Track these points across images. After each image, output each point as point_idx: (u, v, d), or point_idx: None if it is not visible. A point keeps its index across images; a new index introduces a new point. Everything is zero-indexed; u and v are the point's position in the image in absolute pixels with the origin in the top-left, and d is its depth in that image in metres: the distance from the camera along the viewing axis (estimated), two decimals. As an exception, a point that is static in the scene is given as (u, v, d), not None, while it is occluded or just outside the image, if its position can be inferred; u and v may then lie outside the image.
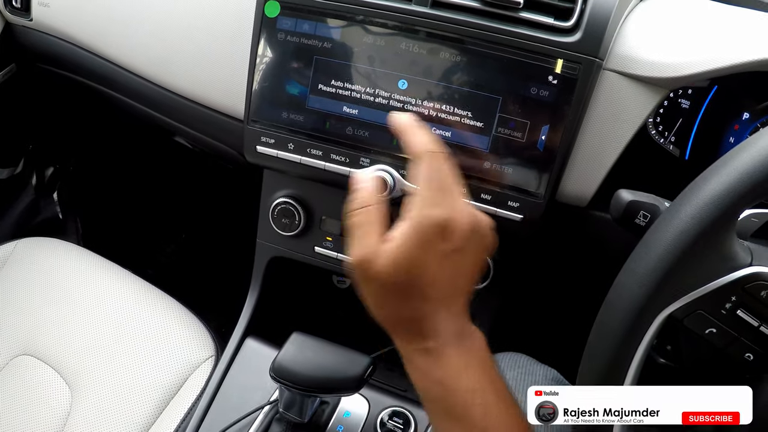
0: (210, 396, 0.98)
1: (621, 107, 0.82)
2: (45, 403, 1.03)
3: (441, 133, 0.85)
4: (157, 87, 1.04)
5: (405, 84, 0.85)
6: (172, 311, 1.10)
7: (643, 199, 0.65)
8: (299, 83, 0.89)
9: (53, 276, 1.16)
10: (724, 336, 0.55)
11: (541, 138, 0.82)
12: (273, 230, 1.01)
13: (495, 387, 0.54)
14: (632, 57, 0.81)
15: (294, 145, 0.91)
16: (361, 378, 0.81)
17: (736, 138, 0.91)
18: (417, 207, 0.54)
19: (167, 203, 1.82)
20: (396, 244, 0.53)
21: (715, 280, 0.53)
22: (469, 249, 0.55)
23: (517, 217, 0.85)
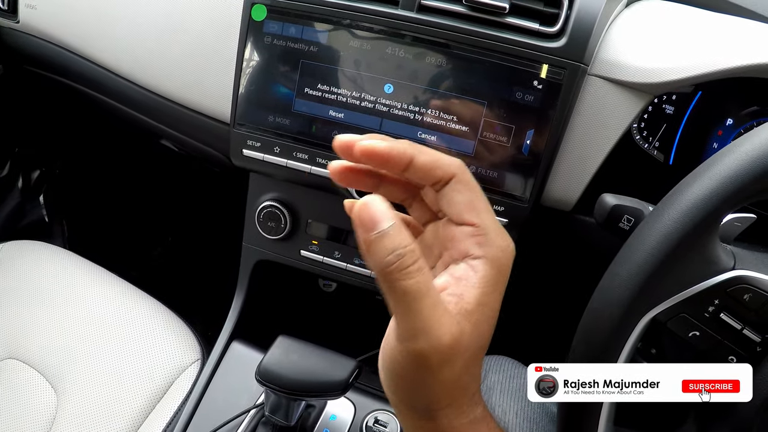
0: (196, 399, 0.98)
1: (606, 112, 0.82)
2: (30, 407, 1.02)
3: (426, 137, 0.85)
4: (144, 90, 1.04)
5: (391, 88, 0.85)
6: (158, 315, 1.10)
7: (626, 203, 0.65)
8: (285, 87, 0.89)
9: (39, 279, 1.15)
10: (708, 339, 0.55)
11: (526, 143, 0.82)
12: (259, 234, 1.01)
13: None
14: (617, 62, 0.81)
15: (280, 149, 0.91)
16: (347, 381, 0.81)
17: (719, 143, 0.91)
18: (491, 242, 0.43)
19: (153, 206, 1.81)
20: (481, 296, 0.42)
21: (698, 284, 0.53)
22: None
23: (502, 221, 0.85)
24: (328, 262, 1.00)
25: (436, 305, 0.40)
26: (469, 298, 0.42)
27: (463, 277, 0.43)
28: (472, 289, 0.42)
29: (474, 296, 0.42)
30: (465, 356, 0.42)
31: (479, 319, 0.42)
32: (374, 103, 0.86)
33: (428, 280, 0.40)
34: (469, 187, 0.44)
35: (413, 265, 0.39)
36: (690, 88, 0.92)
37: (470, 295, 0.42)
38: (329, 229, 0.99)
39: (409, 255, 0.39)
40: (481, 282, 0.42)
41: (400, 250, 0.39)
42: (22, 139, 1.54)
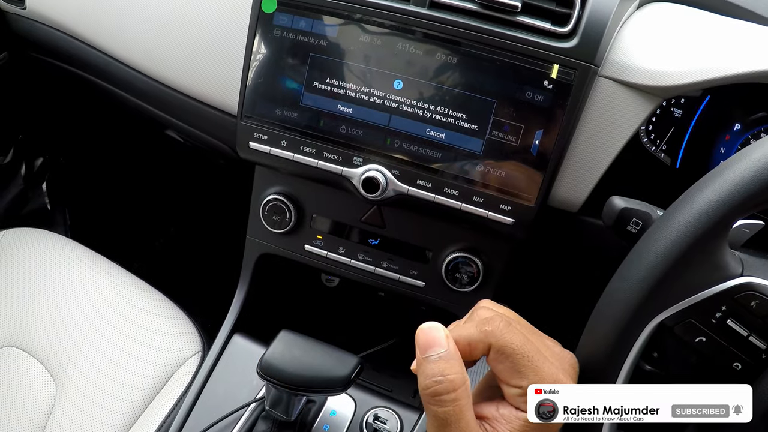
0: (196, 392, 0.98)
1: (615, 114, 0.82)
2: (29, 396, 1.02)
3: (434, 134, 0.85)
4: (151, 80, 1.03)
5: (400, 84, 0.84)
6: (159, 306, 1.10)
7: (635, 207, 0.65)
8: (294, 80, 0.88)
9: (40, 267, 1.15)
10: (714, 345, 0.55)
11: (535, 142, 0.82)
12: (263, 227, 1.00)
13: None
14: (628, 65, 0.81)
15: (287, 142, 0.90)
16: (349, 378, 0.81)
17: (726, 148, 0.91)
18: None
19: (157, 197, 1.81)
20: None
21: (706, 290, 0.53)
22: None
23: (508, 221, 0.85)
24: (332, 257, 1.00)
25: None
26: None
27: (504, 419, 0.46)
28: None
29: None
30: None
31: None
32: (383, 99, 0.85)
33: (460, 411, 0.44)
34: (506, 355, 0.46)
35: (447, 394, 0.44)
36: (699, 92, 0.91)
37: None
38: (334, 224, 0.99)
39: (446, 384, 0.44)
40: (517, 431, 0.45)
41: (439, 377, 0.44)
42: (26, 126, 1.53)
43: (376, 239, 0.97)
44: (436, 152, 0.85)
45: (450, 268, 0.94)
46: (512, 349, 0.45)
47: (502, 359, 0.46)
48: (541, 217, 0.85)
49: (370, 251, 0.98)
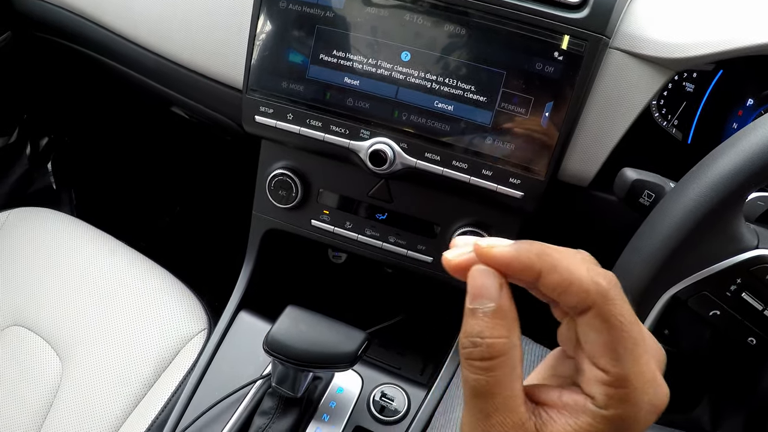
0: (202, 369, 0.98)
1: (626, 87, 0.81)
2: (36, 375, 1.02)
3: (443, 106, 0.84)
4: (156, 56, 1.02)
5: (408, 56, 0.83)
6: (165, 283, 1.09)
7: (648, 179, 0.64)
8: (300, 53, 0.87)
9: (46, 246, 1.15)
10: (728, 319, 0.54)
11: (545, 115, 0.81)
12: (269, 202, 0.99)
13: None
14: (639, 36, 0.79)
15: (293, 116, 0.90)
16: (356, 353, 0.81)
17: (739, 124, 0.90)
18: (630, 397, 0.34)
19: (162, 175, 1.81)
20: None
21: (720, 262, 0.52)
22: None
23: (517, 195, 0.84)
24: (339, 232, 0.99)
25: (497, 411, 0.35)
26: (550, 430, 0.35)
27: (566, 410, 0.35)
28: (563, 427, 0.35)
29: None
30: None
31: None
32: (390, 71, 0.84)
33: (496, 385, 0.35)
34: (609, 325, 0.34)
35: (482, 361, 0.35)
36: (711, 66, 0.90)
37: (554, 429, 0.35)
38: (341, 199, 0.98)
39: (483, 349, 0.34)
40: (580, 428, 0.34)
41: (477, 338, 0.35)
42: (31, 106, 1.52)
43: (384, 214, 0.96)
44: (445, 125, 0.84)
45: (458, 243, 0.92)
46: (621, 322, 0.34)
47: (600, 329, 0.34)
48: (551, 191, 0.84)
49: (377, 226, 0.97)
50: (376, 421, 0.92)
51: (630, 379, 0.33)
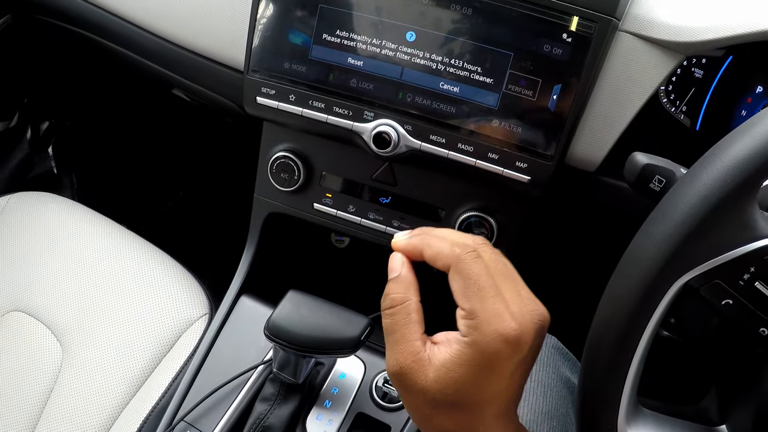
0: (202, 354, 0.97)
1: (635, 71, 0.79)
2: (36, 361, 1.01)
3: (449, 88, 0.82)
4: (156, 37, 1.01)
5: (413, 36, 0.82)
6: (166, 268, 1.09)
7: (659, 164, 0.63)
8: (303, 33, 0.86)
9: (46, 230, 1.14)
10: (740, 308, 0.53)
11: (553, 98, 0.79)
12: (271, 185, 0.98)
13: None
14: (650, 19, 0.78)
15: (295, 97, 0.88)
16: (359, 339, 0.80)
17: (748, 111, 0.89)
18: (478, 326, 0.48)
19: (164, 160, 1.80)
20: (449, 363, 0.48)
21: (734, 249, 0.51)
22: (532, 352, 0.50)
23: (524, 179, 0.83)
24: (341, 215, 0.98)
25: (398, 342, 0.51)
26: (437, 355, 0.49)
27: (447, 343, 0.50)
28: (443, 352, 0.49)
29: (439, 357, 0.49)
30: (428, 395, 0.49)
31: (439, 375, 0.48)
32: (395, 51, 0.83)
33: (396, 325, 0.51)
34: (462, 276, 0.50)
35: (390, 309, 0.52)
36: (721, 52, 0.89)
37: (439, 354, 0.49)
38: (344, 182, 0.96)
39: (388, 301, 0.53)
40: (453, 354, 0.48)
41: (389, 295, 0.53)
42: (32, 89, 1.52)
43: (387, 198, 0.95)
44: (450, 107, 0.83)
45: (463, 227, 0.92)
46: (468, 273, 0.49)
47: (456, 279, 0.50)
48: (558, 175, 0.83)
49: (381, 210, 0.96)
50: (378, 407, 0.91)
51: (477, 312, 0.48)
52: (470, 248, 0.51)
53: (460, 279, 0.50)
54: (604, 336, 0.54)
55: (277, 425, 0.87)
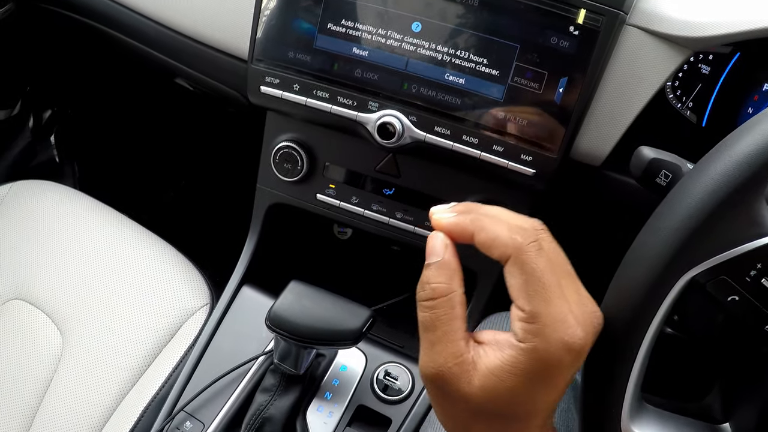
0: (203, 345, 0.97)
1: (642, 65, 0.79)
2: (36, 349, 1.01)
3: (454, 79, 0.82)
4: (160, 26, 1.01)
5: (419, 26, 0.81)
6: (168, 257, 1.08)
7: (665, 158, 0.62)
8: (307, 21, 0.85)
9: (48, 219, 1.13)
10: (746, 305, 0.52)
11: (559, 91, 0.79)
12: (274, 175, 0.98)
13: None
14: (657, 14, 0.78)
15: (299, 86, 0.88)
16: (360, 331, 0.80)
17: (754, 108, 0.88)
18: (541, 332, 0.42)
19: (167, 149, 1.80)
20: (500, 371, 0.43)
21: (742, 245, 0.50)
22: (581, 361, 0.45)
23: (529, 172, 0.82)
24: (344, 207, 0.97)
25: (439, 341, 0.44)
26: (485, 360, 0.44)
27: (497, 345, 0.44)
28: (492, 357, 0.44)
29: (488, 363, 0.44)
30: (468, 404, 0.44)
31: (486, 383, 0.43)
32: (401, 42, 0.82)
33: (437, 320, 0.44)
34: (523, 270, 0.43)
35: (429, 301, 0.45)
36: (728, 48, 0.88)
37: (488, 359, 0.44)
38: (347, 173, 0.96)
39: (428, 291, 0.45)
40: (506, 361, 0.43)
41: (426, 284, 0.45)
42: (34, 78, 1.51)
43: (391, 189, 0.95)
44: (455, 98, 0.82)
45: (467, 221, 0.91)
46: (532, 268, 0.43)
47: (516, 274, 0.43)
48: (563, 169, 0.83)
49: (384, 201, 0.96)
50: (379, 400, 0.91)
51: (540, 316, 0.42)
52: (532, 237, 0.44)
53: (522, 274, 0.43)
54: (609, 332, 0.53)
55: (278, 416, 0.86)
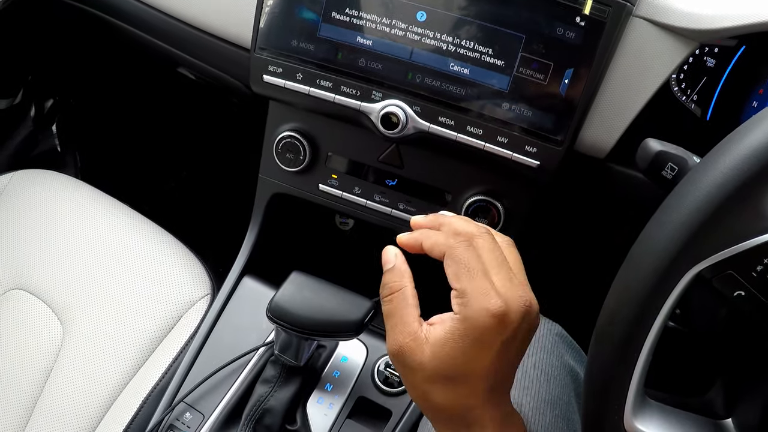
0: (204, 335, 0.96)
1: (648, 57, 0.78)
2: (37, 339, 1.01)
3: (459, 69, 0.81)
4: (162, 15, 1.01)
5: (424, 15, 0.81)
6: (169, 248, 1.08)
7: (672, 151, 0.62)
8: (311, 10, 0.85)
9: (49, 208, 1.13)
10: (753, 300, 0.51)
11: (564, 82, 0.78)
12: (276, 165, 0.98)
13: None
14: (664, 5, 0.77)
15: (303, 76, 0.87)
16: (362, 322, 0.79)
17: (759, 102, 0.87)
18: (468, 303, 0.52)
19: (169, 139, 1.80)
20: (443, 339, 0.53)
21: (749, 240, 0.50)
22: (521, 335, 0.54)
23: (533, 163, 0.82)
24: (347, 197, 0.97)
25: (396, 325, 0.55)
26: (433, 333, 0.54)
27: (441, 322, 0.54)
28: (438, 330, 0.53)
29: (434, 335, 0.53)
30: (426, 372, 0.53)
31: (435, 351, 0.53)
32: (405, 31, 0.82)
33: (395, 309, 0.56)
34: (453, 261, 0.54)
35: (388, 296, 0.57)
36: (734, 41, 0.87)
37: (434, 332, 0.53)
38: (350, 164, 0.96)
39: (386, 289, 0.57)
40: (447, 330, 0.53)
41: (386, 284, 0.58)
42: (36, 67, 1.51)
43: (394, 180, 0.94)
44: (460, 88, 0.82)
45: (470, 212, 0.91)
46: (459, 258, 0.54)
47: (450, 264, 0.55)
48: (568, 161, 0.82)
49: (387, 192, 0.95)
50: (380, 392, 0.91)
51: (466, 291, 0.52)
52: (463, 237, 0.56)
53: (453, 263, 0.54)
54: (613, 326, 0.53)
55: (278, 408, 0.86)
